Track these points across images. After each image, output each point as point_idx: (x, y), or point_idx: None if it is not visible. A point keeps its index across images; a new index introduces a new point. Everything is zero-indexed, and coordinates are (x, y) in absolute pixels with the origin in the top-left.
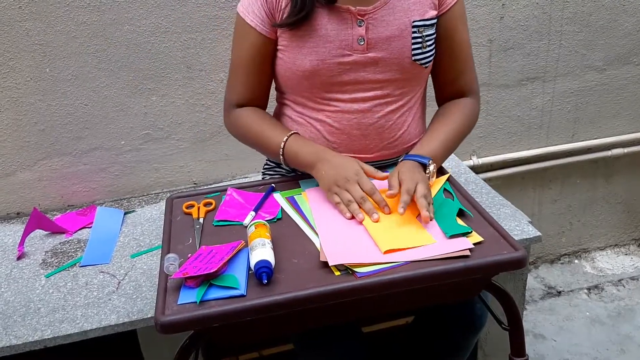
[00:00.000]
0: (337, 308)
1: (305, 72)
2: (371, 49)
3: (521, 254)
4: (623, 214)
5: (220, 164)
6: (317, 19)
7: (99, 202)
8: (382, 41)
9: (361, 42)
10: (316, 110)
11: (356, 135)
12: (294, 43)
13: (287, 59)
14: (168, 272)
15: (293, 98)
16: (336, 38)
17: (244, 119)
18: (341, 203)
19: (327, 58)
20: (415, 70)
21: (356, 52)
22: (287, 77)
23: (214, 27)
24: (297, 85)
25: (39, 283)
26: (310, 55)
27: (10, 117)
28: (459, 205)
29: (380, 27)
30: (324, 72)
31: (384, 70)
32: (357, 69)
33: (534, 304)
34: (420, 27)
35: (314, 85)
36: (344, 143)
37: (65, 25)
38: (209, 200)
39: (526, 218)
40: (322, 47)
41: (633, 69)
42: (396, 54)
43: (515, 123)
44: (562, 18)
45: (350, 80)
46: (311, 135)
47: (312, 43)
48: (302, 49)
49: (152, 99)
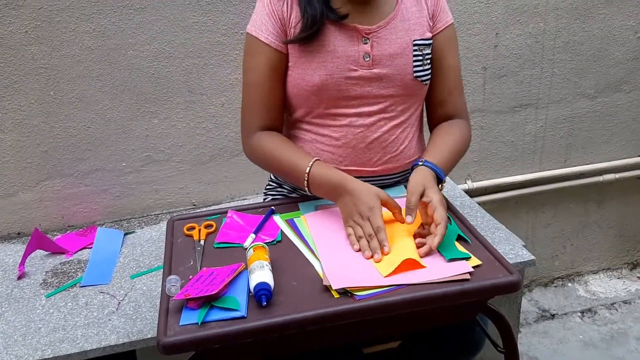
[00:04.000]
0: (336, 330)
1: (314, 87)
2: (376, 65)
3: (516, 277)
4: (615, 238)
5: (220, 185)
6: (326, 35)
7: (100, 223)
8: (386, 58)
9: (367, 58)
10: (322, 125)
11: (361, 148)
12: (303, 58)
13: (296, 75)
14: (170, 294)
15: (299, 114)
16: (343, 54)
17: (266, 146)
18: (352, 235)
19: (336, 73)
20: (416, 87)
21: (362, 68)
22: (295, 93)
23: (216, 53)
24: (305, 101)
25: (40, 303)
26: (319, 70)
27: (14, 139)
28: (457, 231)
29: (384, 45)
30: (332, 86)
31: (387, 86)
32: (363, 84)
33: (528, 327)
34: (420, 46)
35: (322, 100)
36: (348, 156)
37: (71, 49)
38: (209, 222)
39: (520, 242)
40: (331, 62)
41: (623, 97)
42: (399, 70)
43: (509, 148)
44: (554, 47)
45: (357, 95)
46: (316, 150)
47: (321, 58)
48: (311, 64)
49: (153, 121)
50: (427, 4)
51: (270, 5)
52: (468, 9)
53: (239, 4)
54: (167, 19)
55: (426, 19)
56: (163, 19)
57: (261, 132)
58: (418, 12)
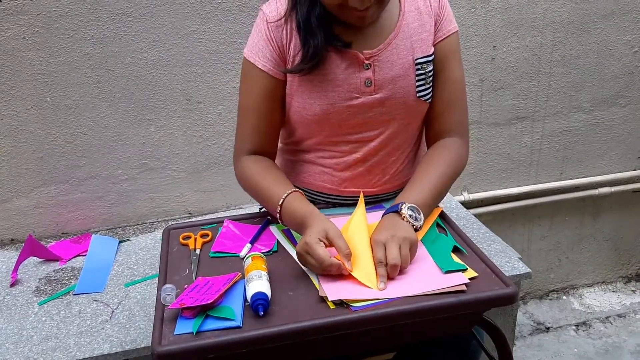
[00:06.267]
0: (331, 341)
1: (315, 117)
2: (378, 90)
3: (512, 290)
4: (610, 252)
5: (216, 194)
6: (327, 64)
7: (94, 230)
8: (388, 82)
9: (369, 84)
10: (322, 150)
11: (361, 172)
12: (303, 87)
13: (297, 104)
14: (165, 303)
15: (299, 140)
16: (344, 82)
17: (249, 171)
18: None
19: (337, 102)
20: (419, 107)
21: (364, 95)
22: (295, 122)
23: (214, 62)
24: (306, 128)
25: (32, 311)
26: (320, 100)
27: (9, 144)
28: (453, 242)
29: (385, 68)
30: (333, 115)
31: (389, 110)
32: (365, 110)
33: (523, 340)
34: (423, 64)
35: (323, 128)
36: (348, 179)
37: (68, 56)
38: (205, 231)
39: (516, 254)
40: (332, 91)
41: (619, 111)
42: (401, 92)
43: (505, 160)
44: (551, 60)
45: (358, 122)
46: (317, 175)
47: (322, 87)
48: (312, 93)
49: (150, 129)
50: (429, 15)
51: (268, 32)
52: (466, 22)
53: (237, 13)
54: (165, 27)
55: (429, 33)
56: (162, 27)
57: (248, 157)
58: (420, 27)
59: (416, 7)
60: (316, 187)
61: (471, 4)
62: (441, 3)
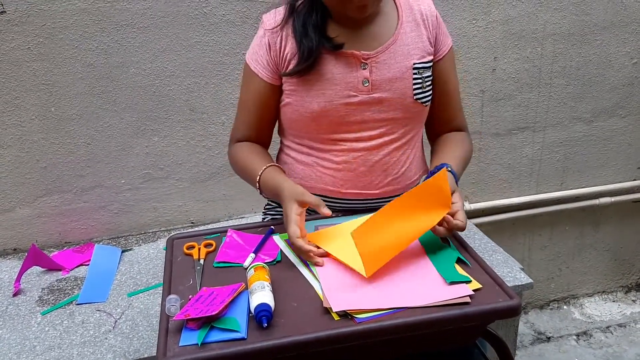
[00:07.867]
0: (335, 352)
1: (313, 114)
2: (375, 90)
3: (516, 302)
4: (610, 262)
5: (218, 204)
6: (324, 64)
7: (97, 240)
8: (385, 82)
9: (366, 83)
10: (323, 150)
11: (362, 172)
12: (301, 87)
13: (295, 103)
14: (169, 314)
15: (299, 140)
16: (342, 80)
17: (238, 154)
18: None
19: (335, 99)
20: (417, 109)
21: (362, 93)
22: (294, 120)
23: (218, 72)
24: (305, 127)
25: (35, 320)
26: (318, 98)
27: (13, 154)
28: (457, 254)
29: (383, 70)
30: (331, 113)
31: (387, 110)
32: (363, 109)
33: (524, 350)
34: (420, 69)
35: (322, 126)
36: (350, 180)
37: (73, 66)
38: (209, 241)
39: (518, 265)
40: (329, 89)
41: (619, 121)
42: (399, 94)
43: (506, 170)
44: (551, 72)
45: (357, 120)
46: (317, 174)
47: (319, 86)
48: (310, 92)
49: (154, 139)
50: (427, 29)
51: (265, 38)
52: (467, 33)
53: (241, 25)
54: (169, 38)
55: (426, 43)
56: (165, 37)
57: (239, 143)
58: (417, 37)
59: (414, 19)
60: (318, 191)
61: (472, 15)
62: (438, 19)
